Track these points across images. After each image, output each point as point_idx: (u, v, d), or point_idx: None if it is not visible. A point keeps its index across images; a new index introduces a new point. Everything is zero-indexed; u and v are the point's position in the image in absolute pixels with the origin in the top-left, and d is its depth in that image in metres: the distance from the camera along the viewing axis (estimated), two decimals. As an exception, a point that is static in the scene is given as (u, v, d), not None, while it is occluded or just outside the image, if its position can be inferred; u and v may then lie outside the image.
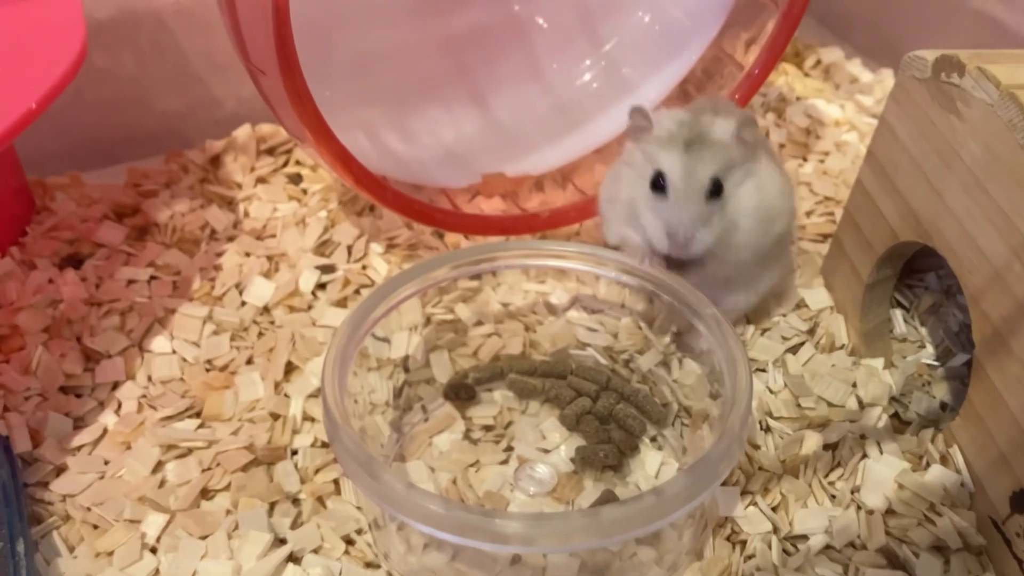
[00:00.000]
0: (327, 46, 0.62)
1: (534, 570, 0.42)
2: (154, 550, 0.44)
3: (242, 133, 0.72)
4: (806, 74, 0.83)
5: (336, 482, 0.47)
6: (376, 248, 0.62)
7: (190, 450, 0.48)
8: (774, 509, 0.46)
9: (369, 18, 0.64)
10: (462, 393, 0.52)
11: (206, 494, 0.46)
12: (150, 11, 0.69)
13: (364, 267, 0.61)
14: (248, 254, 0.61)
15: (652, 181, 0.48)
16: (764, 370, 0.53)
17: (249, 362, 0.54)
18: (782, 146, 0.72)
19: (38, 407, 0.50)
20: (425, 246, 0.62)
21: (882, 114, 0.51)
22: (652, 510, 0.36)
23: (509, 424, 0.51)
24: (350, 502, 0.46)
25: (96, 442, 0.49)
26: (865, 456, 0.48)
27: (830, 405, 0.50)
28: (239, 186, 0.68)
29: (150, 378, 0.53)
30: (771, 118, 0.75)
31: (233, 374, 0.53)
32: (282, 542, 0.44)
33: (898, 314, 0.55)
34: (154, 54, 0.71)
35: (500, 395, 0.52)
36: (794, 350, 0.54)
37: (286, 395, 0.51)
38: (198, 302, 0.57)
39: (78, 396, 0.51)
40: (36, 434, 0.49)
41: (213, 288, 0.58)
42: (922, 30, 0.81)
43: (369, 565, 0.44)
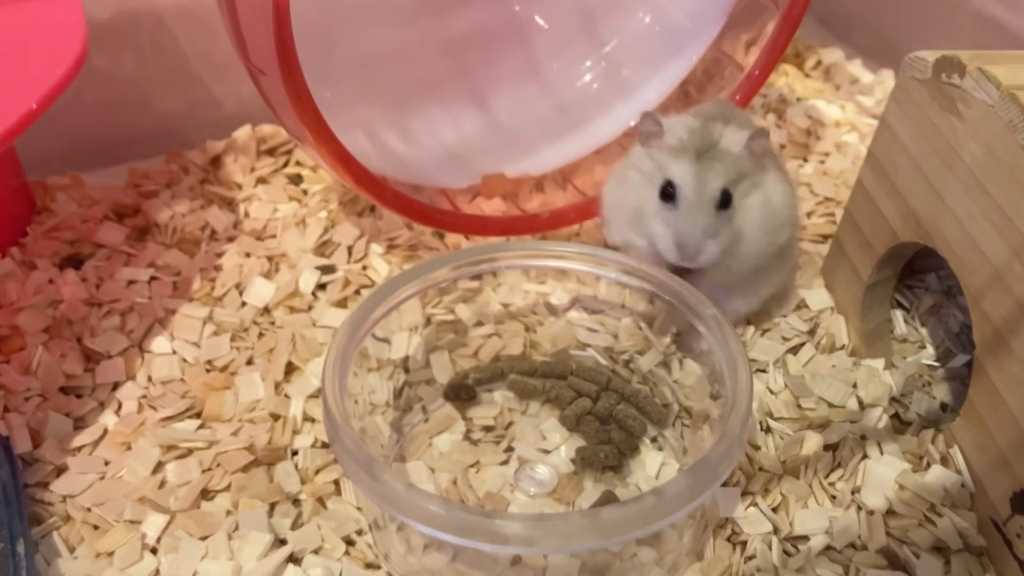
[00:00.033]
0: (327, 46, 0.62)
1: (534, 571, 0.41)
2: (154, 551, 0.44)
3: (242, 134, 0.72)
4: (807, 75, 0.83)
5: (336, 483, 0.47)
6: (376, 249, 0.62)
7: (190, 451, 0.48)
8: (774, 510, 0.46)
9: (369, 18, 0.64)
10: (462, 394, 0.51)
11: (206, 495, 0.46)
12: (150, 12, 0.69)
13: (364, 268, 0.61)
14: (248, 254, 0.61)
15: (662, 190, 0.48)
16: (764, 371, 0.53)
17: (249, 363, 0.54)
18: (783, 147, 0.72)
19: (38, 407, 0.50)
20: (425, 247, 0.62)
21: (882, 115, 0.51)
22: (652, 511, 0.36)
23: (509, 425, 0.51)
24: (350, 503, 0.46)
25: (96, 443, 0.49)
26: (865, 457, 0.48)
27: (830, 406, 0.50)
28: (239, 187, 0.68)
29: (150, 378, 0.53)
30: (771, 119, 0.75)
31: (233, 375, 0.53)
32: (282, 543, 0.44)
33: (898, 315, 0.55)
34: (155, 55, 0.71)
35: (500, 396, 0.52)
36: (794, 351, 0.54)
37: (286, 396, 0.51)
38: (198, 302, 0.57)
39: (78, 396, 0.51)
40: (36, 434, 0.49)
41: (213, 288, 0.58)
42: (922, 31, 0.81)
43: (369, 566, 0.44)
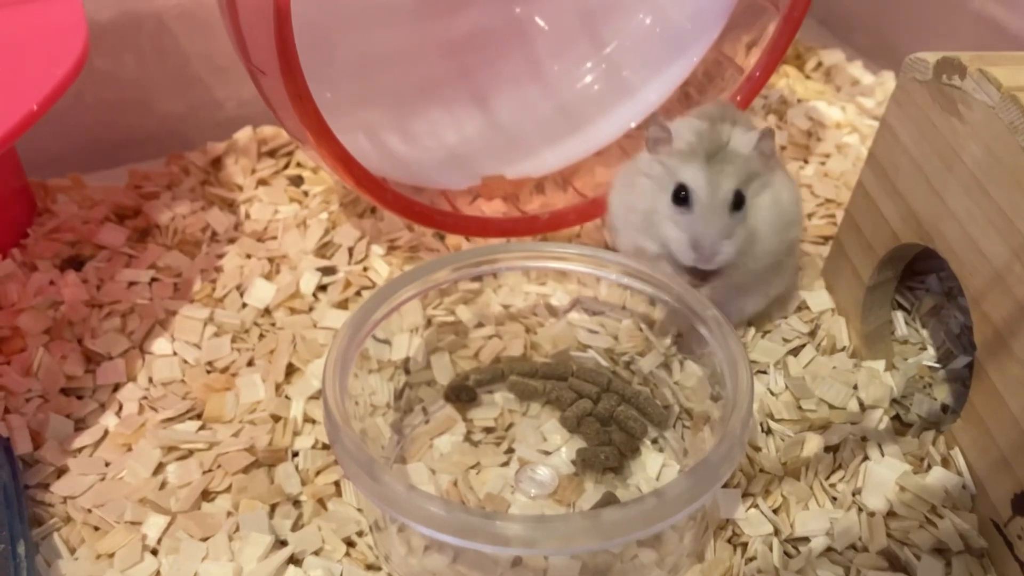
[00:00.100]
0: (328, 47, 0.62)
1: (535, 572, 0.41)
2: (155, 552, 0.44)
3: (243, 135, 0.72)
4: (807, 76, 0.83)
5: (337, 484, 0.47)
6: (377, 250, 0.62)
7: (191, 452, 0.48)
8: (775, 511, 0.46)
9: (370, 20, 0.64)
10: (463, 395, 0.51)
11: (207, 496, 0.46)
12: (151, 13, 0.69)
13: (365, 269, 0.61)
14: (249, 256, 0.61)
15: (674, 194, 0.48)
16: (765, 372, 0.53)
17: (250, 364, 0.54)
18: (783, 148, 0.72)
19: (39, 409, 0.50)
20: (426, 248, 0.62)
21: (883, 116, 0.51)
22: (653, 512, 0.36)
23: (510, 426, 0.51)
24: (351, 504, 0.46)
25: (97, 444, 0.49)
26: (866, 458, 0.48)
27: (831, 407, 0.50)
28: (240, 188, 0.68)
29: (151, 380, 0.53)
30: (772, 120, 0.75)
31: (234, 376, 0.53)
32: (283, 544, 0.44)
33: (899, 316, 0.55)
34: (155, 56, 0.71)
35: (501, 397, 0.52)
36: (795, 352, 0.54)
37: (287, 397, 0.51)
38: (199, 304, 0.57)
39: (79, 398, 0.51)
40: (37, 436, 0.49)
41: (214, 290, 0.58)
42: (923, 32, 0.81)
43: (370, 567, 0.44)
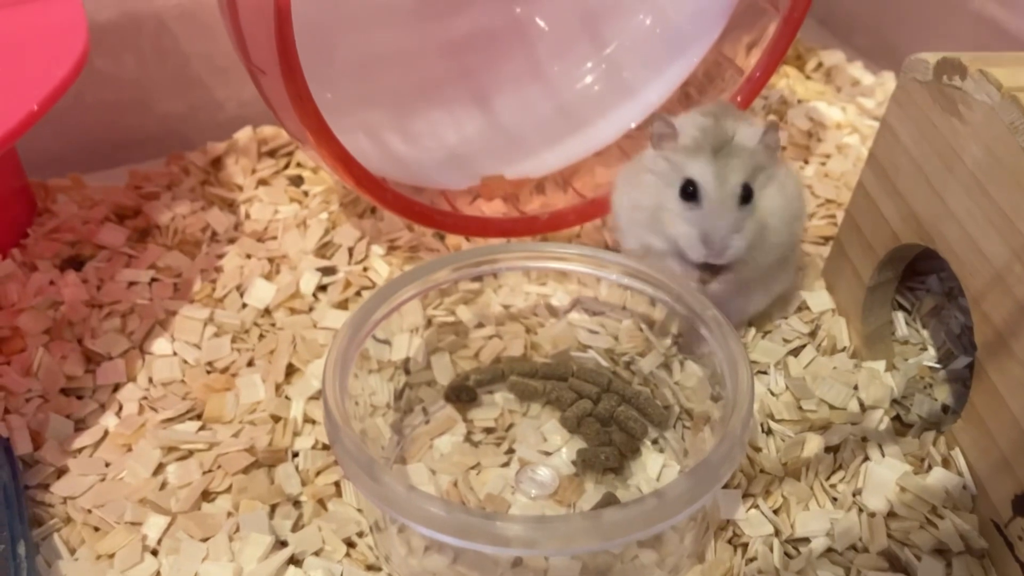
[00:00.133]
0: (328, 48, 0.62)
1: (535, 573, 0.41)
2: (155, 552, 0.44)
3: (243, 135, 0.72)
4: (807, 77, 0.83)
5: (337, 484, 0.47)
6: (377, 250, 0.62)
7: (191, 452, 0.48)
8: (775, 512, 0.46)
9: (370, 20, 0.64)
10: (463, 395, 0.51)
11: (207, 496, 0.46)
12: (151, 13, 0.69)
13: (365, 269, 0.61)
14: (249, 256, 0.61)
15: (682, 189, 0.48)
16: (765, 372, 0.53)
17: (250, 364, 0.54)
18: (784, 148, 0.72)
19: (39, 409, 0.50)
20: (426, 248, 0.62)
21: (883, 116, 0.51)
22: (653, 513, 0.36)
23: (510, 426, 0.51)
24: (351, 504, 0.46)
25: (97, 444, 0.49)
26: (867, 459, 0.48)
27: (831, 407, 0.50)
28: (240, 188, 0.68)
29: (151, 380, 0.53)
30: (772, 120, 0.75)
31: (234, 376, 0.53)
32: (283, 544, 0.44)
33: (900, 316, 0.55)
34: (155, 56, 0.71)
35: (501, 397, 0.52)
36: (795, 352, 0.54)
37: (287, 397, 0.51)
38: (199, 304, 0.57)
39: (79, 398, 0.51)
40: (37, 436, 0.49)
41: (214, 290, 0.58)
42: (923, 33, 0.81)
43: (370, 568, 0.43)
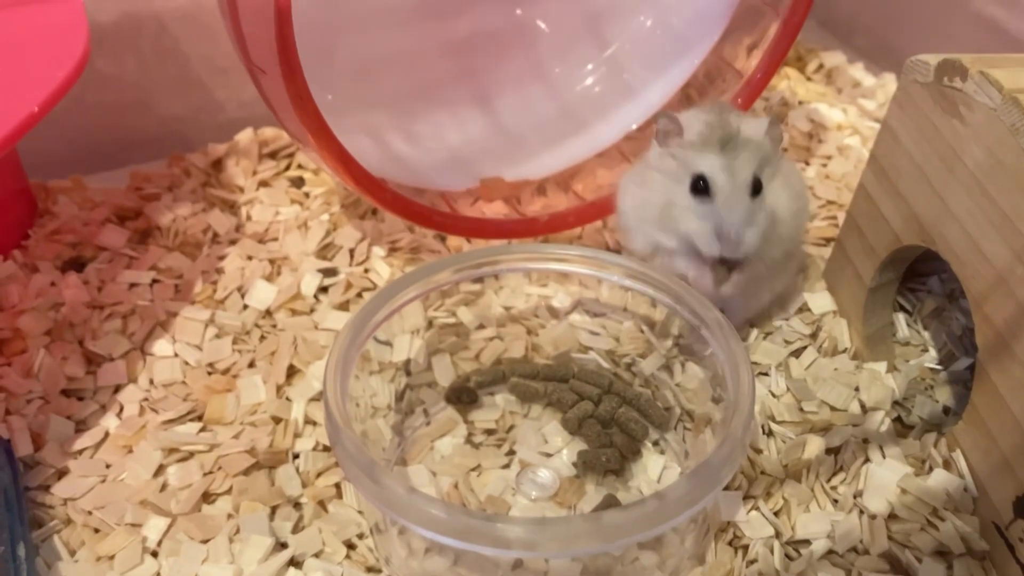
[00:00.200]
0: (329, 49, 0.62)
1: (536, 574, 0.41)
2: (155, 554, 0.44)
3: (244, 137, 0.72)
4: (808, 78, 0.83)
5: (338, 486, 0.47)
6: (378, 251, 0.62)
7: (191, 454, 0.48)
8: (776, 514, 0.45)
9: (371, 21, 0.64)
10: (464, 397, 0.51)
11: (207, 498, 0.46)
12: (152, 15, 0.69)
13: (366, 270, 0.61)
14: (250, 257, 0.61)
15: (692, 184, 0.47)
16: (767, 374, 0.53)
17: (251, 365, 0.54)
18: (785, 150, 0.72)
19: (40, 410, 0.50)
20: (427, 249, 0.62)
21: (884, 118, 0.51)
22: (654, 514, 0.36)
23: (511, 428, 0.51)
24: (351, 506, 0.46)
25: (98, 445, 0.49)
26: (868, 460, 0.48)
27: (833, 409, 0.50)
28: (241, 190, 0.68)
29: (152, 381, 0.53)
30: (773, 122, 0.75)
31: (235, 377, 0.53)
32: (283, 546, 0.44)
33: (901, 318, 0.55)
34: (156, 58, 0.71)
35: (502, 399, 0.52)
36: (797, 354, 0.54)
37: (288, 399, 0.51)
38: (200, 305, 0.57)
39: (80, 399, 0.51)
40: (38, 437, 0.49)
41: (215, 291, 0.58)
42: (924, 34, 0.81)
43: (370, 570, 0.43)
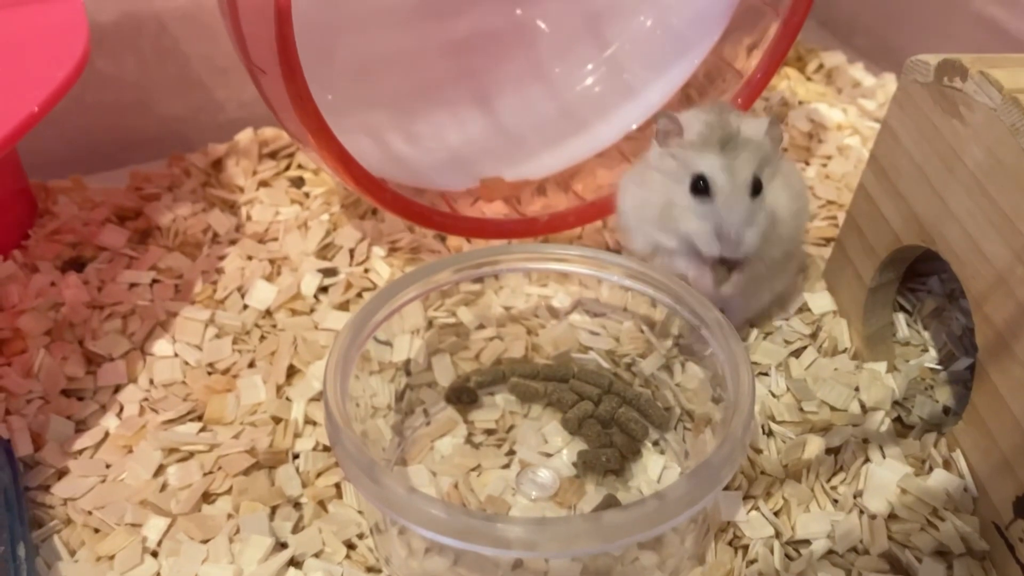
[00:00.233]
0: (329, 49, 0.62)
1: (536, 574, 0.41)
2: (155, 554, 0.44)
3: (244, 137, 0.72)
4: (808, 78, 0.83)
5: (338, 486, 0.47)
6: (378, 251, 0.62)
7: (192, 454, 0.48)
8: (776, 514, 0.45)
9: (371, 21, 0.64)
10: (464, 397, 0.51)
11: (207, 498, 0.46)
12: (152, 15, 0.69)
13: (366, 270, 0.61)
14: (250, 257, 0.61)
15: (692, 184, 0.47)
16: (767, 374, 0.53)
17: (251, 365, 0.54)
18: (785, 150, 0.72)
19: (40, 410, 0.50)
20: (427, 249, 0.62)
21: (884, 118, 0.51)
22: (654, 514, 0.36)
23: (511, 428, 0.51)
24: (351, 506, 0.46)
25: (98, 445, 0.49)
26: (868, 460, 0.48)
27: (833, 409, 0.50)
28: (241, 190, 0.68)
29: (152, 381, 0.53)
30: (773, 122, 0.75)
31: (235, 377, 0.53)
32: (283, 546, 0.44)
33: (901, 318, 0.55)
34: (156, 58, 0.71)
35: (502, 399, 0.52)
36: (797, 354, 0.54)
37: (288, 399, 0.51)
38: (200, 305, 0.57)
39: (80, 399, 0.51)
40: (38, 437, 0.49)
41: (215, 291, 0.58)
42: (924, 34, 0.81)
43: (370, 570, 0.43)
